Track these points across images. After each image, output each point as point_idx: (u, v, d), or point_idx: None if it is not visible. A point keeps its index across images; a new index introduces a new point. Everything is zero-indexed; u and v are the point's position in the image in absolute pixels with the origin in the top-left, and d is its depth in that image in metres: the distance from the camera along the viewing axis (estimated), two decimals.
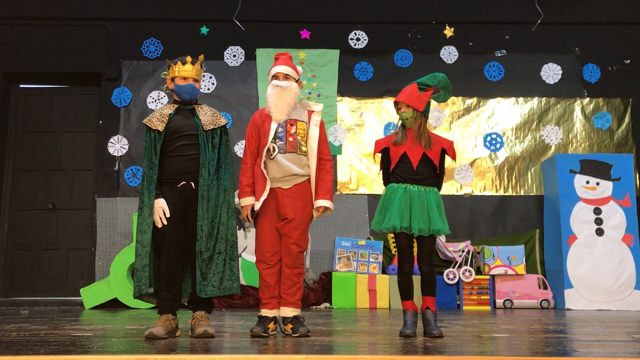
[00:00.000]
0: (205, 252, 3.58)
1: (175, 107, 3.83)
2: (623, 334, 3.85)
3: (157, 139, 3.69)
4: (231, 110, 7.53)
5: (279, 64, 3.85)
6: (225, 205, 3.72)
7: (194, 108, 3.85)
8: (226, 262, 3.65)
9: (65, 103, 7.75)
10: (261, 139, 3.78)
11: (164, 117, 3.74)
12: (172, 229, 3.61)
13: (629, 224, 6.61)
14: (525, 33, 7.74)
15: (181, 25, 7.67)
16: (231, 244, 3.70)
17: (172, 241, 3.61)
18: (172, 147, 3.69)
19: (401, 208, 3.63)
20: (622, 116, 7.68)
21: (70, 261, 7.41)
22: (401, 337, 3.57)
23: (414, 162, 3.71)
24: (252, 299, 6.50)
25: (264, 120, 3.81)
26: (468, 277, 6.63)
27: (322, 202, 3.74)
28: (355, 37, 7.74)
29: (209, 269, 3.58)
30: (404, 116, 3.76)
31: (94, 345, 3.23)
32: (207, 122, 3.78)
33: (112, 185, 7.33)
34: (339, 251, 6.89)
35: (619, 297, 6.49)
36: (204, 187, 3.63)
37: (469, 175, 7.52)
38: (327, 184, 3.78)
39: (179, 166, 3.67)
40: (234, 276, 3.66)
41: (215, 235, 3.63)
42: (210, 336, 3.50)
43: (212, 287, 3.57)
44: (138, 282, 3.54)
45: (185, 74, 3.78)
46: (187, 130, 3.72)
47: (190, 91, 3.81)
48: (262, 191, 3.70)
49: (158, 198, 3.62)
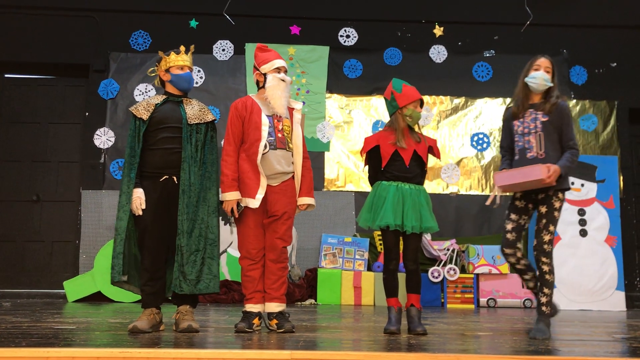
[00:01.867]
0: (185, 247, 3.55)
1: (164, 98, 3.79)
2: (604, 334, 3.89)
3: (141, 127, 3.65)
4: (219, 104, 7.50)
5: (277, 58, 3.81)
6: (207, 203, 3.67)
7: (182, 101, 3.80)
8: (204, 260, 3.60)
9: (51, 94, 7.67)
10: (249, 131, 3.69)
11: (150, 106, 3.70)
12: (153, 223, 3.58)
13: (612, 226, 6.68)
14: (514, 34, 7.78)
15: (170, 17, 7.62)
16: (210, 242, 3.65)
17: (154, 235, 3.59)
18: (156, 138, 3.64)
19: (394, 205, 3.64)
20: (607, 118, 7.76)
21: (54, 254, 7.35)
22: (385, 334, 3.58)
23: (406, 160, 3.71)
24: (237, 294, 6.49)
25: (251, 112, 3.72)
26: (452, 275, 6.67)
27: (307, 200, 3.80)
28: (345, 34, 7.74)
29: (188, 266, 3.54)
30: (419, 116, 3.75)
31: (77, 338, 3.21)
32: (193, 116, 3.73)
33: (98, 177, 7.28)
34: (324, 248, 6.90)
35: (601, 298, 6.56)
36: (185, 181, 3.59)
37: (455, 174, 7.55)
38: (310, 181, 3.85)
39: (162, 159, 3.63)
40: (212, 275, 3.61)
41: (195, 232, 3.59)
42: (194, 331, 3.49)
43: (189, 284, 3.54)
44: (112, 269, 3.54)
45: (182, 62, 3.76)
46: (171, 122, 3.67)
47: (189, 79, 3.81)
48: (256, 187, 3.64)
49: (137, 187, 3.59)
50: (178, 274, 3.53)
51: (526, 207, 3.70)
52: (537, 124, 3.59)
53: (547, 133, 3.59)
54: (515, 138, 3.69)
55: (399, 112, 3.76)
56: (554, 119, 3.60)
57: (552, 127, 3.60)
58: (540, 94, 3.67)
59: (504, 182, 3.55)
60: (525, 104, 3.68)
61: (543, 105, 3.64)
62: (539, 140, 3.58)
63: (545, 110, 3.61)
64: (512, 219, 3.69)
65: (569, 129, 3.62)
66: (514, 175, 3.51)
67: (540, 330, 3.49)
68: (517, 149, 3.67)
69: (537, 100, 3.68)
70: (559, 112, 3.61)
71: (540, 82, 3.62)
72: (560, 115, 3.61)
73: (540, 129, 3.59)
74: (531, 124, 3.62)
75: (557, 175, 3.48)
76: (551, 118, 3.60)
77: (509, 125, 3.75)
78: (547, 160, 3.54)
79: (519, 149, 3.66)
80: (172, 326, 3.76)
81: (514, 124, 3.69)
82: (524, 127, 3.64)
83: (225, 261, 6.87)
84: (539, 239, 3.59)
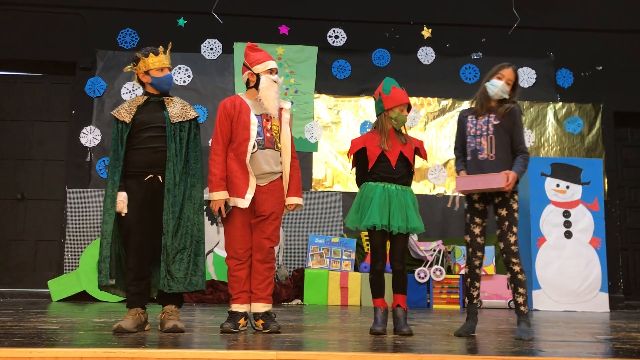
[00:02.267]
0: (171, 246, 3.53)
1: (145, 99, 3.76)
2: (588, 335, 3.93)
3: (124, 130, 3.64)
4: (207, 103, 7.48)
5: (271, 59, 3.82)
6: (192, 201, 3.66)
7: (163, 100, 3.77)
8: (191, 257, 3.60)
9: (37, 91, 7.60)
10: (238, 131, 3.68)
11: (132, 108, 3.68)
12: (138, 223, 3.56)
13: (597, 228, 6.75)
14: (502, 37, 7.84)
15: (158, 16, 7.58)
16: (197, 240, 3.64)
17: (139, 235, 3.57)
18: (140, 139, 3.63)
19: (381, 206, 3.65)
20: (593, 121, 7.83)
21: (39, 252, 7.28)
22: (371, 334, 3.59)
23: (392, 161, 3.73)
24: (223, 294, 6.47)
25: (240, 111, 3.71)
26: (439, 276, 6.70)
27: (296, 200, 3.80)
28: (334, 34, 7.75)
29: (174, 264, 3.53)
30: (404, 119, 3.77)
31: (61, 338, 3.19)
32: (175, 114, 3.70)
33: (84, 176, 7.22)
34: (312, 248, 6.90)
35: (584, 299, 6.62)
36: (170, 180, 3.57)
37: (442, 175, 7.59)
38: (298, 181, 3.85)
39: (146, 159, 3.61)
40: (199, 272, 3.62)
41: (181, 231, 3.58)
42: (179, 331, 3.48)
43: (177, 282, 3.53)
44: (99, 273, 3.52)
45: (161, 64, 3.72)
46: (154, 123, 3.65)
47: (170, 81, 3.77)
48: (245, 187, 3.63)
49: (121, 191, 3.58)
50: (165, 274, 3.52)
51: (485, 209, 3.79)
52: (489, 127, 3.70)
53: (498, 136, 3.69)
54: (467, 139, 3.76)
55: (385, 114, 3.77)
56: (505, 123, 3.70)
57: (503, 130, 3.70)
58: (496, 101, 3.75)
59: (465, 187, 3.64)
60: (485, 106, 3.74)
61: (496, 109, 3.73)
62: (490, 143, 3.69)
63: (498, 115, 3.70)
64: (478, 223, 3.75)
65: (519, 133, 3.73)
66: (476, 182, 3.61)
67: (524, 331, 3.53)
68: (468, 150, 3.76)
69: (493, 105, 3.78)
70: (511, 117, 3.71)
71: (497, 92, 3.72)
72: (512, 119, 3.71)
73: (492, 131, 3.70)
74: (483, 127, 3.71)
75: (514, 180, 3.60)
76: (502, 121, 3.70)
77: (462, 127, 3.82)
78: (497, 162, 3.65)
79: (471, 150, 3.74)
80: (157, 326, 3.74)
81: (467, 126, 3.76)
82: (476, 129, 3.73)
83: (211, 261, 6.85)
84: (505, 241, 3.68)
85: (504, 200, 3.69)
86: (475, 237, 3.74)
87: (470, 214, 3.76)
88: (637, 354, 2.95)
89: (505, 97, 3.73)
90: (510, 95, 3.75)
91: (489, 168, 3.65)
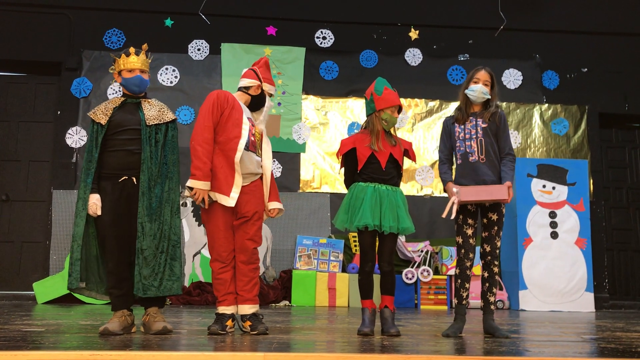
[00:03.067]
0: (147, 250, 3.49)
1: (122, 100, 3.73)
2: (573, 334, 3.96)
3: (99, 132, 3.60)
4: (194, 104, 7.45)
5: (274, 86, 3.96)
6: (170, 204, 3.61)
7: (140, 102, 3.73)
8: (167, 261, 3.55)
9: (22, 92, 7.53)
10: (229, 127, 3.63)
11: (108, 110, 3.65)
12: (113, 225, 3.53)
13: (582, 228, 6.80)
14: (488, 38, 7.88)
15: (145, 16, 7.54)
16: (173, 244, 3.59)
17: (115, 237, 3.53)
18: (115, 141, 3.59)
19: (372, 206, 3.66)
20: (578, 123, 7.90)
21: (24, 254, 7.21)
22: (359, 335, 3.59)
23: (382, 162, 3.74)
24: (210, 295, 6.45)
25: (233, 107, 3.68)
26: (426, 277, 6.72)
27: (278, 205, 3.88)
28: (321, 35, 7.75)
29: (149, 268, 3.48)
30: (395, 121, 3.79)
31: (46, 340, 3.15)
32: (151, 117, 3.66)
33: (69, 177, 7.16)
34: (299, 249, 6.89)
35: (570, 299, 6.67)
36: (145, 183, 3.53)
37: (429, 176, 7.62)
38: (275, 186, 3.94)
39: (121, 161, 3.57)
40: (175, 276, 3.56)
41: (157, 234, 3.53)
42: (169, 332, 3.47)
43: (152, 286, 3.48)
44: (70, 276, 3.49)
45: (130, 65, 3.67)
46: (130, 125, 3.61)
47: (138, 83, 3.69)
48: (230, 185, 3.59)
49: (93, 193, 3.54)
50: (139, 277, 3.47)
51: (476, 211, 3.83)
52: (478, 130, 3.81)
53: (487, 138, 3.79)
54: (456, 143, 3.84)
55: (375, 115, 3.78)
56: (492, 126, 3.81)
57: (491, 133, 3.80)
58: (480, 104, 3.81)
59: (469, 197, 3.66)
60: (467, 112, 3.85)
61: (482, 113, 3.84)
62: (480, 145, 3.78)
63: (485, 118, 3.81)
64: (470, 224, 3.78)
65: (506, 136, 3.84)
66: (479, 193, 3.65)
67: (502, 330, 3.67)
68: (458, 154, 3.84)
69: (478, 109, 3.87)
70: (497, 120, 3.82)
71: (479, 95, 3.81)
72: (498, 123, 3.82)
73: (480, 134, 3.79)
74: (472, 130, 3.82)
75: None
76: (489, 125, 3.80)
77: (449, 132, 3.88)
78: (487, 164, 3.75)
79: (461, 153, 3.81)
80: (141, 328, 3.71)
81: (456, 131, 3.83)
82: (465, 133, 3.82)
83: (199, 262, 6.82)
84: (492, 245, 3.78)
85: (495, 204, 3.77)
86: (467, 239, 3.76)
87: (463, 216, 3.78)
88: (621, 353, 2.98)
89: (487, 97, 3.80)
90: (491, 94, 3.80)
91: (482, 169, 3.73)
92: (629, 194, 8.09)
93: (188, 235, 6.87)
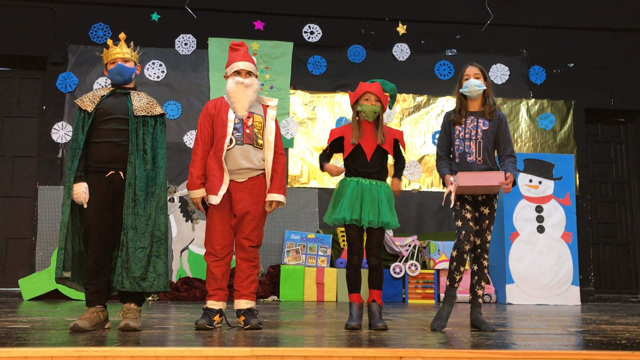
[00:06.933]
0: (130, 243, 3.42)
1: (110, 90, 3.70)
2: (559, 327, 4.00)
3: (86, 119, 3.55)
4: (181, 99, 7.41)
5: (240, 60, 3.76)
6: (155, 199, 3.55)
7: (129, 93, 3.69)
8: (150, 258, 3.48)
9: (7, 86, 7.45)
10: (217, 129, 3.68)
11: (96, 98, 3.61)
12: (98, 221, 3.48)
13: (568, 222, 6.86)
14: (475, 34, 7.91)
15: (131, 10, 7.48)
16: (157, 240, 3.52)
17: (99, 234, 3.49)
18: (101, 131, 3.53)
19: (352, 200, 3.67)
20: (564, 117, 7.96)
21: (9, 251, 7.15)
22: (346, 329, 3.60)
23: (368, 153, 3.74)
24: (198, 291, 6.43)
25: (219, 110, 3.72)
26: (414, 271, 6.75)
27: (276, 196, 3.75)
28: (309, 30, 7.73)
29: (131, 262, 3.41)
30: (373, 109, 3.75)
31: (31, 337, 3.13)
32: (140, 108, 3.61)
33: (55, 173, 7.10)
34: (288, 244, 6.89)
35: (556, 292, 6.73)
36: (132, 175, 3.48)
37: (417, 171, 7.64)
38: (281, 178, 3.79)
39: (107, 153, 3.51)
40: (157, 274, 3.48)
41: (141, 228, 3.47)
42: (132, 329, 3.36)
43: (131, 281, 3.41)
44: (56, 266, 3.47)
45: (111, 57, 3.65)
46: (117, 114, 3.56)
47: (119, 71, 3.65)
48: (219, 184, 3.62)
49: (80, 182, 3.49)
50: (121, 270, 3.40)
51: (473, 200, 3.81)
52: (479, 132, 3.80)
53: (487, 140, 3.80)
54: (455, 142, 3.83)
55: (354, 110, 3.83)
56: (493, 128, 3.81)
57: (492, 134, 3.81)
58: (478, 100, 3.82)
59: (467, 182, 3.66)
60: (465, 112, 3.84)
61: (482, 112, 3.82)
62: (479, 147, 3.78)
63: (486, 117, 3.81)
64: (469, 209, 3.77)
65: (507, 139, 3.85)
66: (477, 178, 3.65)
67: (489, 323, 3.70)
68: (457, 153, 3.84)
69: (477, 107, 3.86)
70: (498, 122, 3.82)
71: (473, 89, 3.80)
72: (499, 125, 3.82)
73: (480, 136, 3.79)
74: (472, 131, 3.81)
75: (512, 182, 3.69)
76: (491, 127, 3.80)
77: (449, 129, 3.87)
78: (484, 166, 3.75)
79: (459, 152, 3.82)
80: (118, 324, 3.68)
81: (456, 129, 3.83)
82: (465, 133, 3.81)
83: (186, 258, 6.80)
84: (483, 238, 3.79)
85: (488, 199, 3.78)
86: (467, 222, 3.74)
87: (461, 202, 3.77)
88: (606, 345, 3.01)
89: (483, 87, 3.79)
90: (485, 85, 3.80)
91: (478, 170, 3.73)
92: (615, 188, 8.17)
93: (175, 231, 6.84)
